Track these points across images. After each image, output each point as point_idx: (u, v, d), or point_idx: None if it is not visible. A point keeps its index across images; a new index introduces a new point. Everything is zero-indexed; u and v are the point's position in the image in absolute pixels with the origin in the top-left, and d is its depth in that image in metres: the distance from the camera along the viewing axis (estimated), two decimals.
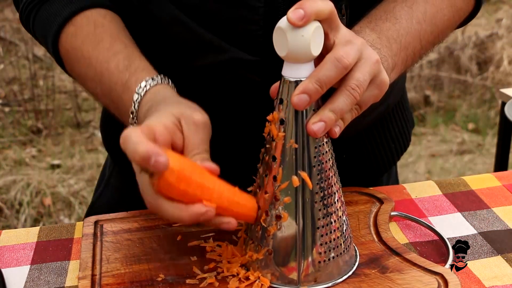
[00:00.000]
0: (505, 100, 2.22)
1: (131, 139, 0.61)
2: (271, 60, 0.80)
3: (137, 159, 0.60)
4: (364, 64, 0.66)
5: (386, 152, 0.97)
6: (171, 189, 0.62)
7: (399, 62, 0.78)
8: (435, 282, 0.68)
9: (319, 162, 0.66)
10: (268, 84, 0.79)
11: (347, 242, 0.71)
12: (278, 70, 0.82)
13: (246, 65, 0.81)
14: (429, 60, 4.31)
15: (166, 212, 0.64)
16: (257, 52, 0.81)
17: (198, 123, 0.68)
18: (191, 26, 0.81)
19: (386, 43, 0.77)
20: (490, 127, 3.71)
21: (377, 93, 0.69)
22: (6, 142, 3.41)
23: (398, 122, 0.98)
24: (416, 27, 0.81)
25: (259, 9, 0.79)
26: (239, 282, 0.69)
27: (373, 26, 0.78)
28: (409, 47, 0.80)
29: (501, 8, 5.05)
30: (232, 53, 0.81)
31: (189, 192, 0.63)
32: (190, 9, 0.80)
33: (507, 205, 0.87)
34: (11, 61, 3.97)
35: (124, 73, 0.76)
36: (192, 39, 0.81)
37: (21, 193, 2.88)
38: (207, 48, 0.82)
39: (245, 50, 0.81)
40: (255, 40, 0.80)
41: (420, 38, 0.82)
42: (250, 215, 0.68)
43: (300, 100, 0.63)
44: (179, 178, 0.62)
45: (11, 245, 0.81)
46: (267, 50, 0.80)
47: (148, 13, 0.83)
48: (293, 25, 0.62)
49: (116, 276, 0.71)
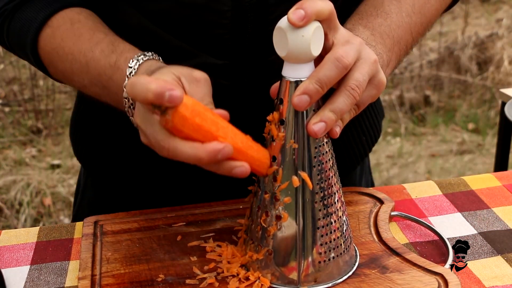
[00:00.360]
0: (505, 100, 2.22)
1: (139, 81, 0.59)
2: (239, 64, 0.81)
3: (150, 97, 0.58)
4: (363, 64, 0.66)
5: (357, 145, 0.96)
6: (186, 123, 0.60)
7: (393, 57, 0.79)
8: (435, 282, 0.68)
9: (319, 162, 0.66)
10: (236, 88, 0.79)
11: (347, 242, 0.71)
12: (246, 73, 0.83)
13: (215, 70, 0.81)
14: (429, 60, 4.31)
15: (182, 152, 0.61)
16: (225, 56, 0.81)
17: (199, 78, 0.67)
18: (158, 34, 0.81)
19: (380, 39, 0.77)
20: (490, 127, 3.71)
21: (375, 93, 0.69)
22: (6, 142, 3.41)
23: (368, 114, 0.98)
24: (406, 20, 0.82)
25: (226, 13, 0.79)
26: (239, 282, 0.69)
27: (365, 23, 0.79)
28: (402, 41, 0.81)
29: (501, 8, 5.05)
30: (201, 58, 0.81)
31: (204, 127, 0.61)
32: (157, 16, 0.80)
33: (507, 205, 0.87)
34: (11, 61, 3.96)
35: (111, 56, 0.76)
36: (161, 46, 0.80)
37: (21, 193, 2.88)
38: (176, 54, 0.81)
39: (213, 55, 0.81)
40: (223, 44, 0.80)
41: (411, 31, 0.83)
42: (264, 162, 0.66)
43: (300, 101, 0.63)
44: (193, 112, 0.60)
45: (11, 245, 0.81)
46: (235, 54, 0.81)
47: (117, 22, 0.83)
48: (293, 26, 0.62)
49: (116, 276, 0.71)
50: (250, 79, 0.83)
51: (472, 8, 5.04)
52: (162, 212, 0.84)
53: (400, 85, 4.11)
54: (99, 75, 0.77)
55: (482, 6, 5.16)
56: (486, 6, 5.16)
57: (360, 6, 0.83)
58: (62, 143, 3.43)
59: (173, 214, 0.83)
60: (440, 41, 4.39)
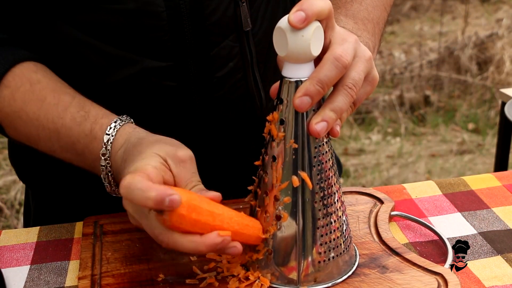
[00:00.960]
0: (505, 100, 2.23)
1: (136, 187, 0.60)
2: (183, 63, 0.81)
3: (151, 204, 0.60)
4: (359, 63, 0.66)
5: None
6: (184, 221, 0.62)
7: (376, 40, 0.80)
8: (435, 282, 0.68)
9: (319, 162, 0.66)
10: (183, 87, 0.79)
11: (347, 242, 0.71)
12: (191, 72, 0.82)
13: (160, 73, 0.81)
14: (429, 60, 4.31)
15: (182, 246, 0.63)
16: (168, 58, 0.81)
17: (184, 159, 0.68)
18: (97, 46, 0.80)
19: (363, 26, 0.78)
20: (490, 127, 3.71)
21: (370, 89, 0.70)
22: (6, 142, 3.41)
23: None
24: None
25: (161, 14, 0.78)
26: (239, 282, 0.69)
27: (345, 12, 0.80)
28: (380, 21, 0.82)
29: (501, 8, 5.05)
30: (143, 63, 0.81)
31: (201, 221, 0.62)
32: (92, 28, 0.80)
33: (507, 205, 0.87)
34: None
35: (84, 124, 0.75)
36: (101, 58, 0.80)
37: (21, 193, 2.88)
38: (118, 63, 0.81)
39: (156, 58, 0.81)
40: (163, 45, 0.80)
41: (385, 6, 0.84)
42: (257, 235, 0.68)
43: (302, 102, 0.63)
44: (189, 209, 0.61)
45: (11, 245, 0.81)
46: (177, 54, 0.81)
47: (54, 41, 0.82)
48: (294, 28, 0.62)
49: (116, 276, 0.71)
50: (196, 77, 0.83)
51: (472, 8, 5.05)
52: None
53: (400, 85, 4.11)
54: (73, 143, 0.76)
55: (482, 6, 5.16)
56: (486, 6, 5.17)
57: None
58: None
59: None
60: (440, 41, 4.39)
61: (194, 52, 0.82)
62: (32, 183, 0.99)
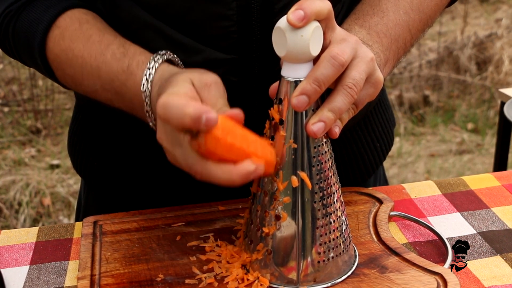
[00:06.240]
0: (504, 100, 2.23)
1: (173, 105, 0.59)
2: (247, 58, 0.79)
3: (188, 121, 0.58)
4: (360, 63, 0.66)
5: (372, 151, 0.96)
6: (219, 144, 0.60)
7: (390, 56, 0.79)
8: (434, 282, 0.68)
9: (318, 162, 0.67)
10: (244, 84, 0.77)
11: (346, 242, 0.71)
12: (255, 68, 0.80)
13: (222, 65, 0.79)
14: (428, 60, 4.31)
15: (216, 176, 0.61)
16: (233, 50, 0.79)
17: (209, 83, 0.66)
18: (161, 29, 0.79)
19: (377, 38, 0.77)
20: (489, 127, 3.71)
21: (373, 92, 0.69)
22: (5, 142, 3.41)
23: (380, 121, 0.97)
24: (404, 18, 0.81)
25: (231, 3, 0.77)
26: (238, 282, 0.69)
27: (362, 23, 0.79)
28: (399, 39, 0.80)
29: (501, 8, 5.05)
30: (206, 53, 0.79)
31: (236, 145, 0.61)
32: (159, 10, 0.78)
33: (506, 205, 0.87)
34: (10, 61, 3.96)
35: (122, 60, 0.74)
36: (164, 42, 0.79)
37: (20, 193, 2.88)
38: (180, 50, 0.79)
39: (219, 49, 0.79)
40: (229, 37, 0.78)
41: (409, 28, 0.82)
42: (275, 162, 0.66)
43: (299, 101, 0.63)
44: (224, 131, 0.60)
45: (10, 245, 0.81)
46: (242, 47, 0.79)
47: (117, 20, 0.81)
48: (293, 26, 0.62)
49: (115, 276, 0.71)
50: (258, 74, 0.81)
51: (472, 8, 5.05)
52: (161, 212, 0.84)
53: (399, 85, 4.11)
54: (111, 80, 0.75)
55: (481, 6, 5.17)
56: (485, 6, 5.17)
57: (358, 5, 0.82)
58: (61, 143, 3.43)
59: (172, 214, 0.83)
60: (439, 41, 4.39)
61: (260, 47, 0.79)
62: (87, 174, 0.97)
